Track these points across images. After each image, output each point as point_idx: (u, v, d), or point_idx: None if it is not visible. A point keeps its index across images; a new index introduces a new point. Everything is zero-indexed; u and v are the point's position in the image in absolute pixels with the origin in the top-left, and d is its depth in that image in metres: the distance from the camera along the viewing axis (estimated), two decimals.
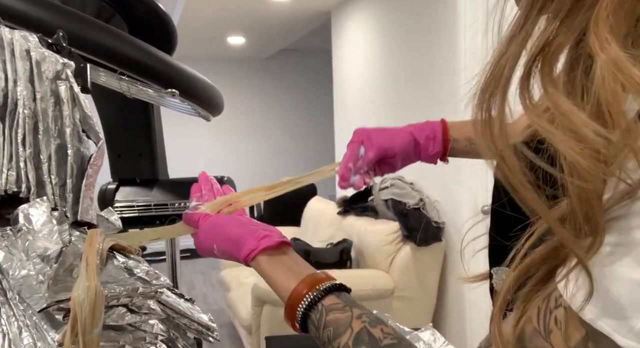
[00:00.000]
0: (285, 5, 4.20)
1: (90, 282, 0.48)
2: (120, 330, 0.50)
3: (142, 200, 1.31)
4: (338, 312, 0.51)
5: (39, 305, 0.46)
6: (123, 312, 0.51)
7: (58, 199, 0.57)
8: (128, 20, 1.18)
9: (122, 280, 0.52)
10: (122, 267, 0.54)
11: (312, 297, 0.52)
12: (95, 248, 0.52)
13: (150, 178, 1.36)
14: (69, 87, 0.58)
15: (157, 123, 1.33)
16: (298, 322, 0.53)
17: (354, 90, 4.00)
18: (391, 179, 3.04)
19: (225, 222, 0.65)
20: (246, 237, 0.60)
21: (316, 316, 0.52)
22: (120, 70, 1.00)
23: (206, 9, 4.37)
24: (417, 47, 3.02)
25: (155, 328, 0.53)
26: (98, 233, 0.54)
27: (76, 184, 0.57)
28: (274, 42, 5.69)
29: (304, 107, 6.68)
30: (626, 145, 0.29)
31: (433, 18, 2.80)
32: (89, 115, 0.59)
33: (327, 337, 0.50)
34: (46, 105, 0.58)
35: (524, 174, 0.36)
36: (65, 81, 0.59)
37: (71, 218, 0.57)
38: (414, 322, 0.95)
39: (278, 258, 0.58)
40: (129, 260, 0.55)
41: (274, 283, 0.57)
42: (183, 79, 1.02)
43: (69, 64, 0.60)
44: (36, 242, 0.52)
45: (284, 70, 6.63)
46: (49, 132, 0.57)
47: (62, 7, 0.93)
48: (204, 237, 0.66)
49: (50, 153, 0.57)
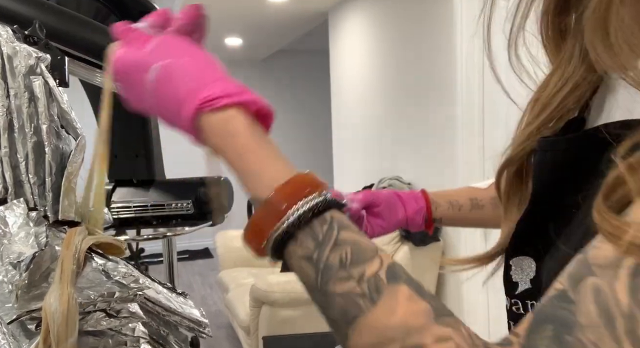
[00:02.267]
0: (283, 6, 4.20)
1: (63, 290, 0.46)
2: (100, 335, 0.49)
3: (139, 200, 1.31)
4: (355, 233, 0.36)
5: (9, 316, 0.45)
6: (101, 317, 0.49)
7: (37, 198, 0.55)
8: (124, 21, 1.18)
9: (98, 284, 0.50)
10: (100, 270, 0.52)
11: (320, 201, 0.36)
12: (72, 252, 0.50)
13: (147, 179, 1.35)
14: (43, 82, 0.56)
15: (153, 123, 1.33)
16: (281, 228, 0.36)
17: (352, 91, 4.01)
18: (389, 180, 3.04)
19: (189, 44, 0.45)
20: (223, 76, 0.41)
21: (322, 227, 0.36)
22: None
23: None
24: (414, 48, 3.02)
25: (136, 332, 0.51)
26: (77, 233, 0.52)
27: (56, 182, 0.55)
28: (272, 43, 5.69)
29: (301, 107, 6.69)
30: None
31: (430, 18, 2.81)
32: (67, 110, 0.57)
33: (339, 259, 0.35)
34: (20, 101, 0.55)
35: None
36: (40, 76, 0.56)
37: (52, 217, 0.55)
38: None
39: (260, 129, 0.41)
40: (107, 262, 0.53)
41: (251, 158, 0.39)
42: None
43: (43, 57, 0.58)
44: (11, 246, 0.50)
45: (281, 71, 6.63)
46: (25, 129, 0.55)
47: (56, 7, 0.93)
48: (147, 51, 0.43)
49: (27, 151, 0.55)
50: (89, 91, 1.30)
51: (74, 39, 0.89)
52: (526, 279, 0.48)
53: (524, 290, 0.48)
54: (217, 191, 1.37)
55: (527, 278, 0.48)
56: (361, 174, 3.81)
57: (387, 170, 3.27)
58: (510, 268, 0.50)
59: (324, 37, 4.47)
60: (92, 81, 1.08)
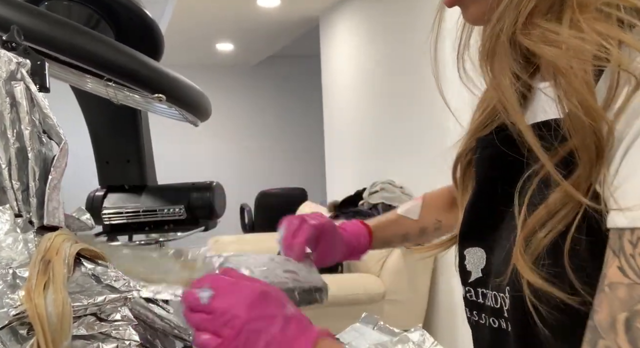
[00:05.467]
0: (274, 11, 4.21)
1: (57, 294, 0.46)
2: (90, 339, 0.49)
3: (131, 206, 1.31)
4: None
5: (0, 322, 0.45)
6: (92, 321, 0.49)
7: (21, 204, 0.54)
8: (114, 27, 1.18)
9: (89, 288, 0.50)
10: (90, 274, 0.52)
11: None
12: (62, 257, 0.50)
13: (139, 185, 1.35)
14: (25, 88, 0.55)
15: (144, 129, 1.33)
16: None
17: (343, 96, 4.02)
18: (381, 183, 3.05)
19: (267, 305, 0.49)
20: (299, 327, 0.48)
21: None
22: (107, 77, 1.00)
23: (194, 16, 4.37)
24: (404, 52, 3.04)
25: (127, 335, 0.51)
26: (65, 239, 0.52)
27: (40, 188, 0.55)
28: (263, 48, 5.70)
29: (293, 112, 6.69)
30: None
31: (420, 23, 2.83)
32: (49, 115, 0.57)
33: None
34: (2, 107, 0.55)
35: None
36: (21, 81, 0.56)
37: (37, 223, 0.55)
38: (406, 324, 0.95)
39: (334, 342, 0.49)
40: (97, 266, 0.53)
41: None
42: (169, 84, 1.02)
43: (23, 62, 0.57)
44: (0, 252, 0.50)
45: (273, 76, 6.64)
46: (7, 135, 0.54)
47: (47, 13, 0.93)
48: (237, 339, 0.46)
49: (9, 157, 0.54)
50: (80, 97, 1.30)
51: (65, 45, 0.89)
52: (478, 268, 0.52)
53: (475, 279, 0.52)
54: None
55: (478, 268, 0.52)
56: (353, 178, 3.82)
57: (379, 174, 3.28)
58: (465, 258, 0.55)
59: (315, 42, 4.49)
60: (82, 87, 1.08)
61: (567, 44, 0.40)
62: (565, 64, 0.39)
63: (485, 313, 0.52)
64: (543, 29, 0.42)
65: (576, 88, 0.38)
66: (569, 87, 0.39)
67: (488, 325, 0.52)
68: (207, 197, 1.35)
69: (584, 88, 0.38)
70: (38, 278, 0.48)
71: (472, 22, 0.53)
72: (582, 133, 0.38)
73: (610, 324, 0.35)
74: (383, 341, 0.94)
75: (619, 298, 0.35)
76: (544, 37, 0.41)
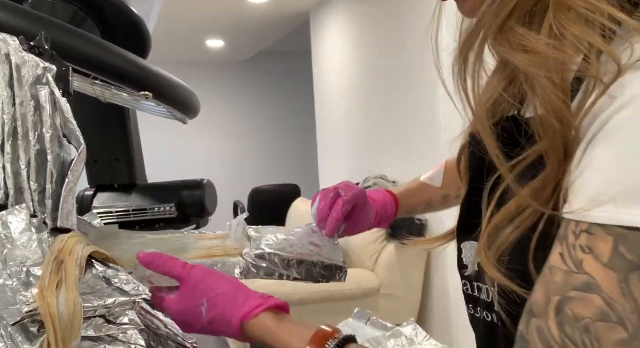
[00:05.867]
0: (264, 7, 4.19)
1: (69, 294, 0.47)
2: (97, 341, 0.50)
3: (121, 205, 1.30)
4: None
5: (12, 318, 0.45)
6: (101, 323, 0.50)
7: (37, 206, 0.56)
8: (100, 25, 1.17)
9: (99, 290, 0.51)
10: (101, 277, 0.53)
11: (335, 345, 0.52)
12: (75, 258, 0.51)
13: (129, 184, 1.35)
14: (49, 92, 0.57)
15: (133, 127, 1.32)
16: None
17: (335, 91, 4.01)
18: (373, 178, 3.05)
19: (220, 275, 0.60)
20: (247, 292, 0.58)
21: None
22: (94, 75, 0.99)
23: (183, 12, 4.34)
24: (396, 47, 3.04)
25: (133, 339, 0.51)
26: (77, 241, 0.53)
27: (56, 190, 0.56)
28: (254, 44, 5.68)
29: (285, 108, 6.68)
30: None
31: (411, 19, 2.82)
32: (70, 120, 0.58)
33: None
34: (26, 110, 0.56)
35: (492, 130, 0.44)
36: (46, 86, 0.57)
37: (50, 225, 0.56)
38: (400, 319, 0.95)
39: (284, 317, 0.57)
40: (107, 269, 0.54)
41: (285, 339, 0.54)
42: (156, 82, 1.01)
43: (50, 68, 0.59)
44: (15, 251, 0.51)
45: (264, 72, 6.62)
46: (29, 137, 0.56)
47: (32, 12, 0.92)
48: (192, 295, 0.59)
49: (29, 159, 0.56)
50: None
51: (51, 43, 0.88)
52: (474, 262, 0.53)
53: (471, 273, 0.53)
54: None
55: (474, 262, 0.53)
56: (346, 173, 3.82)
57: (371, 169, 3.28)
58: (462, 252, 0.56)
59: (306, 38, 4.47)
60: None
61: (541, 51, 0.39)
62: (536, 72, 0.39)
63: (481, 307, 0.53)
64: (518, 34, 0.41)
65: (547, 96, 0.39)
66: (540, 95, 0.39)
67: (482, 319, 0.52)
68: (198, 195, 1.34)
69: (555, 96, 0.38)
70: (51, 278, 0.49)
71: (467, 15, 0.52)
72: (552, 136, 0.39)
73: (544, 305, 0.37)
74: (376, 336, 0.95)
75: (556, 283, 0.37)
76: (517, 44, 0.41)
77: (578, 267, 0.36)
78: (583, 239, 0.36)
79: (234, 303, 0.57)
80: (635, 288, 0.34)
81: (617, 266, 0.34)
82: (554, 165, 0.40)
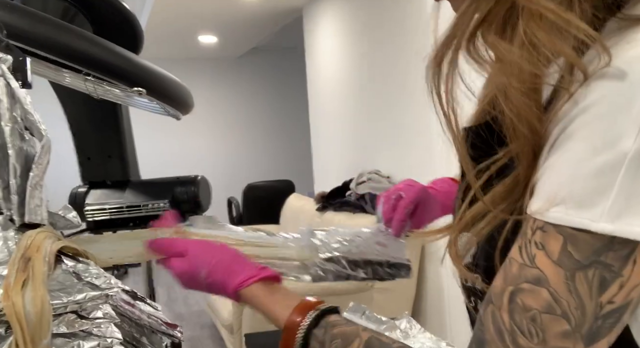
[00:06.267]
0: (256, 3, 4.18)
1: (36, 292, 0.46)
2: (71, 337, 0.49)
3: (114, 202, 1.29)
4: (343, 325, 0.54)
5: None
6: (73, 319, 0.49)
7: (2, 202, 0.54)
8: (92, 21, 1.16)
9: (69, 285, 0.50)
10: (71, 272, 0.52)
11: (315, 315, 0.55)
12: (42, 254, 0.50)
13: (122, 180, 1.34)
14: (5, 84, 0.55)
15: (126, 123, 1.32)
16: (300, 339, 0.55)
17: (328, 87, 4.01)
18: (368, 174, 3.05)
19: (220, 247, 0.65)
20: (244, 264, 0.63)
21: (320, 332, 0.54)
22: (86, 71, 0.98)
23: (176, 7, 4.32)
24: (389, 42, 3.04)
25: (109, 332, 0.51)
26: (46, 236, 0.52)
27: (21, 185, 0.54)
28: (246, 40, 5.66)
29: (278, 105, 6.67)
30: None
31: (404, 15, 2.82)
32: (31, 111, 0.56)
33: None
34: None
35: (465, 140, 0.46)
36: (1, 77, 0.55)
37: (18, 221, 0.54)
38: (394, 313, 0.96)
39: (275, 287, 0.61)
40: (78, 264, 0.53)
41: (271, 308, 0.59)
42: (149, 78, 1.01)
43: (4, 58, 0.57)
44: None
45: (257, 68, 6.60)
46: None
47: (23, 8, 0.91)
48: (193, 262, 0.64)
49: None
50: (59, 92, 1.28)
51: (41, 39, 0.88)
52: (468, 254, 0.54)
53: (466, 264, 0.54)
54: None
55: (469, 253, 0.54)
56: (340, 169, 3.82)
57: (365, 165, 3.29)
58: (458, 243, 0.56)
59: (299, 34, 4.46)
60: (60, 82, 1.06)
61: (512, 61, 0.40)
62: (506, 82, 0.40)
63: (479, 299, 0.53)
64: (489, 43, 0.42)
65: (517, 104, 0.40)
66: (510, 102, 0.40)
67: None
68: (192, 190, 1.34)
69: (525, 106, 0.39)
70: (17, 276, 0.47)
71: None
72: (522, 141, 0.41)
73: (500, 293, 0.40)
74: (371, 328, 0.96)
75: (512, 273, 0.39)
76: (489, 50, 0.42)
77: (531, 261, 0.38)
78: (538, 236, 0.38)
79: (230, 272, 0.62)
80: (580, 285, 0.36)
81: (565, 264, 0.37)
82: (523, 166, 0.41)
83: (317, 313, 0.55)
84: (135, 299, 0.64)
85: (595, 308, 0.36)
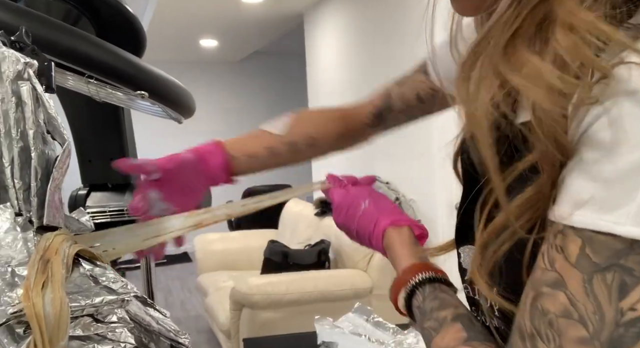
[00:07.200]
0: (258, 7, 4.19)
1: (55, 294, 0.46)
2: (86, 340, 0.49)
3: (115, 205, 1.29)
4: (449, 295, 0.56)
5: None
6: (89, 322, 0.49)
7: (22, 204, 0.55)
8: (95, 23, 1.16)
9: (87, 289, 0.50)
10: (88, 275, 0.52)
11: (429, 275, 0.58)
12: (61, 257, 0.50)
13: (122, 183, 1.34)
14: (31, 88, 0.56)
15: (128, 126, 1.32)
16: (413, 284, 0.58)
17: (328, 92, 4.02)
18: None
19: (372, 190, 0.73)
20: (396, 209, 0.69)
21: (427, 290, 0.57)
22: (89, 74, 0.98)
23: (177, 11, 4.33)
24: (389, 48, 3.04)
25: (123, 337, 0.51)
26: (64, 239, 0.52)
27: (41, 188, 0.55)
28: (247, 44, 5.67)
29: (278, 109, 6.66)
30: None
31: (406, 19, 2.83)
32: (54, 115, 0.57)
33: (430, 308, 0.54)
34: (7, 106, 0.55)
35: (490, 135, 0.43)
36: (27, 81, 0.56)
37: (36, 223, 0.55)
38: (393, 319, 0.96)
39: (412, 240, 0.65)
40: (95, 268, 0.53)
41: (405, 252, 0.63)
42: (152, 81, 1.01)
43: (31, 63, 0.58)
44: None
45: (258, 72, 6.61)
46: (11, 134, 0.55)
47: (27, 10, 0.91)
48: (353, 193, 0.72)
49: (12, 156, 0.55)
50: (61, 94, 1.28)
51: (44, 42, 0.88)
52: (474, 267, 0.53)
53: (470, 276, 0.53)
54: None
55: None
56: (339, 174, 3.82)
57: (365, 171, 3.29)
58: (460, 256, 0.57)
59: (300, 39, 4.47)
60: (63, 84, 1.06)
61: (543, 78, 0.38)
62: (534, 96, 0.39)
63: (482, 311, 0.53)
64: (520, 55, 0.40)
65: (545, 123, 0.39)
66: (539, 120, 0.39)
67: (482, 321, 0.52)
68: None
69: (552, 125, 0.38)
70: (37, 277, 0.48)
71: (462, 13, 0.52)
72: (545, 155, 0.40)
73: (524, 298, 0.40)
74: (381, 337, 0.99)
75: (535, 278, 0.39)
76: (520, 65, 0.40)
77: (551, 265, 0.38)
78: (558, 239, 0.38)
79: (385, 209, 0.67)
80: (598, 289, 0.35)
81: (583, 266, 0.36)
82: (548, 173, 0.40)
83: (431, 275, 0.58)
84: (145, 305, 0.64)
85: (615, 314, 0.34)
